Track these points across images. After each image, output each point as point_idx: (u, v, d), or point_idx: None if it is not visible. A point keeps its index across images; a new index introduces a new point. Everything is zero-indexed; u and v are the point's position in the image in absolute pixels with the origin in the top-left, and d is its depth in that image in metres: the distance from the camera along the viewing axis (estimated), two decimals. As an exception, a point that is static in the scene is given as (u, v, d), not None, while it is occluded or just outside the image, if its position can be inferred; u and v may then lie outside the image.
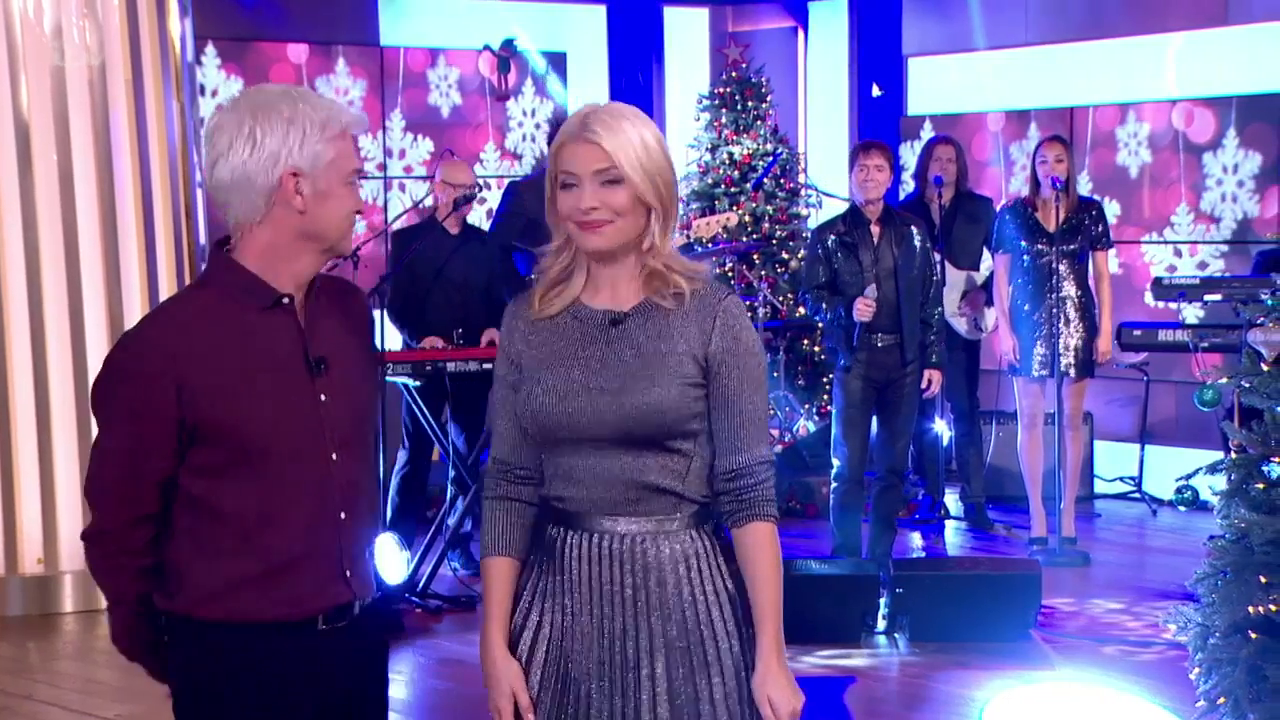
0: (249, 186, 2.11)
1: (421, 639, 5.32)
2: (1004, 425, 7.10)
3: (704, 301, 2.14)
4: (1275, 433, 3.20)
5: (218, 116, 2.14)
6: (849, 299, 5.54)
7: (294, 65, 7.50)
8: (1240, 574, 3.17)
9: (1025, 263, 6.15)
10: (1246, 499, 3.24)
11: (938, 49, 8.24)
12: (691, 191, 8.36)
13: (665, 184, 2.13)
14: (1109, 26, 7.59)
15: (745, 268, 8.01)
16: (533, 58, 8.13)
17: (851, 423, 5.62)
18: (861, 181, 5.56)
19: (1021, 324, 6.16)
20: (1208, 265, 7.34)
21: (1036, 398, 6.22)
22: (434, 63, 7.93)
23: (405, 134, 7.87)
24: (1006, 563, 5.54)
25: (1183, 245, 7.45)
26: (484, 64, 8.02)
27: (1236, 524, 3.21)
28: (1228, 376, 3.27)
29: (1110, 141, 7.66)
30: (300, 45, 7.50)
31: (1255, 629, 3.15)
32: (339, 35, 7.60)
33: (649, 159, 2.11)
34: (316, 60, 7.55)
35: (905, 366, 5.62)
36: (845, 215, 5.70)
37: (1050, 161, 6.09)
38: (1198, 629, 3.31)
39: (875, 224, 5.61)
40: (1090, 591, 5.74)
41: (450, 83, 7.97)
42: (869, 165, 5.54)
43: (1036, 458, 6.26)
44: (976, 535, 6.75)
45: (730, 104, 8.30)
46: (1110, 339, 6.13)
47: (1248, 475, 3.24)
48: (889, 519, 5.81)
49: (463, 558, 6.06)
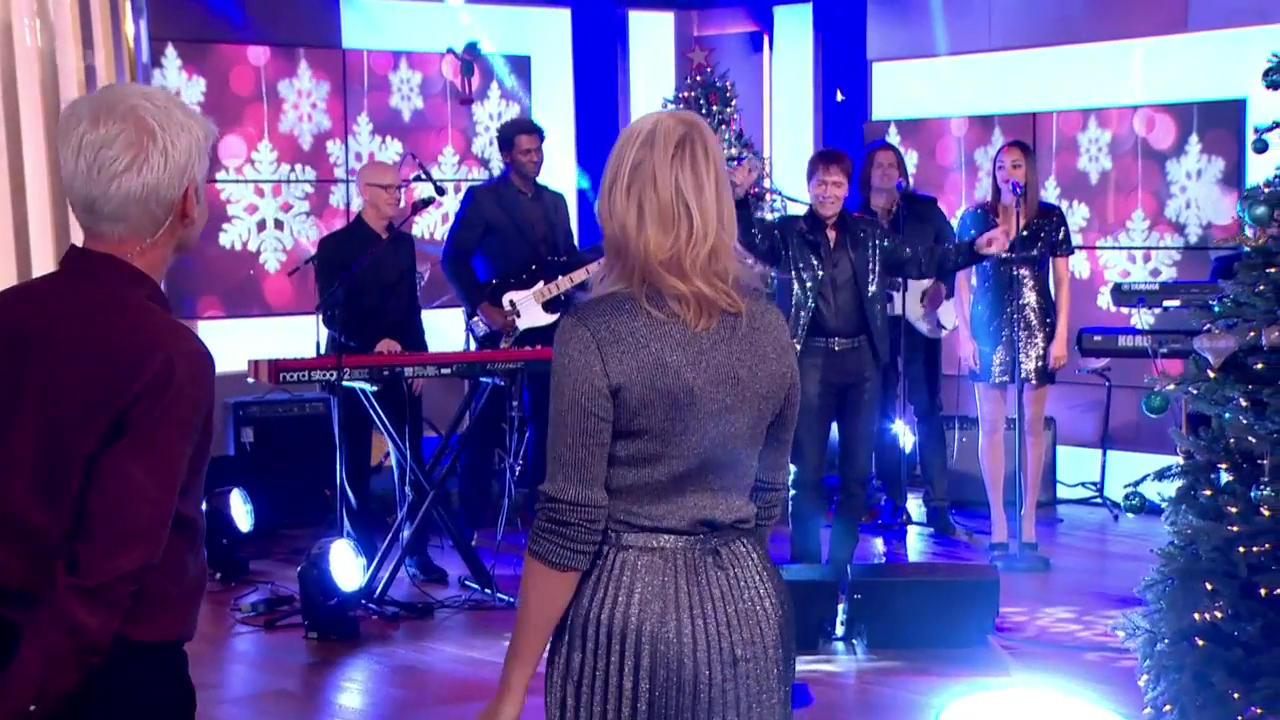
0: (156, 201, 2.03)
1: (377, 646, 5.29)
2: (966, 430, 7.11)
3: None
4: (1222, 440, 3.20)
5: (101, 129, 1.99)
6: (794, 295, 5.56)
7: (254, 67, 7.45)
8: (1187, 581, 3.17)
9: (986, 269, 6.16)
10: (1194, 506, 3.24)
11: (902, 54, 8.26)
12: (656, 196, 8.34)
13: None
14: (1072, 32, 7.62)
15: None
16: (497, 62, 8.09)
17: (808, 427, 5.61)
18: (818, 197, 5.56)
19: (982, 330, 6.17)
20: (1160, 272, 7.38)
21: (997, 404, 6.23)
22: (396, 66, 7.89)
23: (373, 137, 7.83)
24: (964, 569, 5.54)
25: (1137, 251, 7.48)
26: (447, 67, 7.99)
27: (1184, 531, 3.21)
28: (1175, 383, 3.27)
29: (1073, 147, 7.69)
30: (261, 47, 7.45)
31: (1201, 636, 3.15)
32: (300, 37, 7.56)
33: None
34: (278, 63, 7.50)
35: (867, 371, 5.62)
36: (807, 217, 5.70)
37: (1008, 167, 6.11)
38: (1145, 636, 3.31)
39: (831, 229, 5.62)
40: (1050, 597, 5.75)
41: (413, 86, 7.94)
42: (827, 182, 5.54)
43: (997, 463, 6.27)
44: (939, 541, 6.75)
45: (695, 108, 8.29)
46: (1065, 344, 6.15)
47: (1195, 482, 3.24)
48: (851, 526, 5.81)
49: (419, 564, 6.03)
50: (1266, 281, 3.10)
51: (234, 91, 7.40)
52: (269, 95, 7.48)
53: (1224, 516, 3.16)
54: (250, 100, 7.45)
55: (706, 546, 2.16)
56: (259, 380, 5.52)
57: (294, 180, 7.59)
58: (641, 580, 2.12)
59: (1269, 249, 3.11)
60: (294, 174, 7.58)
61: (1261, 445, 3.10)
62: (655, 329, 2.10)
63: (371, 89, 7.81)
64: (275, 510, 6.77)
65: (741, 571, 2.18)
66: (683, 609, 2.12)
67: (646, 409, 2.09)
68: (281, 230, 7.57)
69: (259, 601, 5.70)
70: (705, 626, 2.13)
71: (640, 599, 2.11)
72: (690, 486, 2.14)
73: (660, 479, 2.12)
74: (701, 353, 2.12)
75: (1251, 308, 3.15)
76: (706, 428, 2.12)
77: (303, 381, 5.56)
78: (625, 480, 2.12)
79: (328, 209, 7.68)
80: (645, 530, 2.13)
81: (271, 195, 7.52)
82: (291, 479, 6.94)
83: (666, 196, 2.09)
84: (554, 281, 6.62)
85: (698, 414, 2.11)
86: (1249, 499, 3.09)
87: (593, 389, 2.07)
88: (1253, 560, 3.10)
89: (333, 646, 5.24)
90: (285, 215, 7.57)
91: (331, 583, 5.25)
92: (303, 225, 7.60)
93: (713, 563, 2.15)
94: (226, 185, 7.37)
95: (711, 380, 2.12)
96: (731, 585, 2.16)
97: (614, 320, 2.10)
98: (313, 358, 5.63)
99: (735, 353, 2.14)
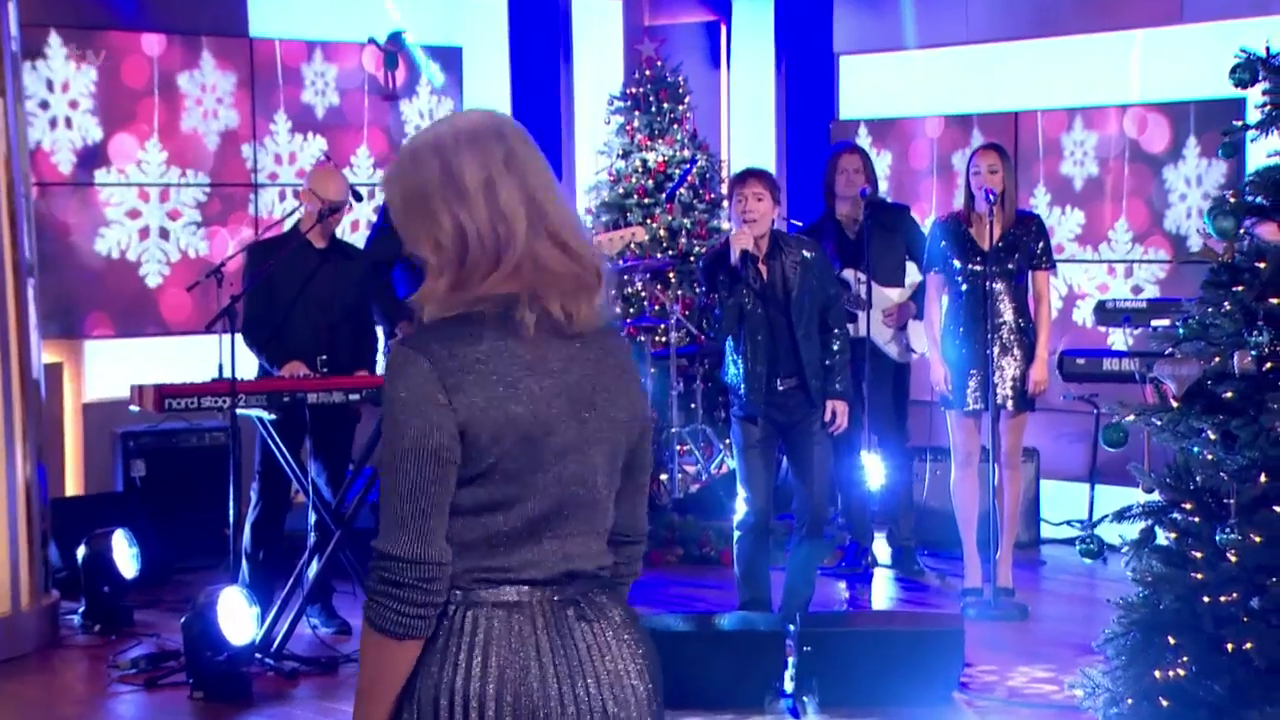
0: None
1: (273, 706, 5.21)
2: (938, 462, 7.09)
3: None
4: (1188, 476, 3.18)
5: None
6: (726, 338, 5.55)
7: (149, 58, 7.39)
8: (1148, 634, 3.15)
9: (958, 283, 6.14)
10: (1157, 550, 3.22)
11: (872, 47, 8.28)
12: (601, 203, 8.33)
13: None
14: (1057, 24, 7.65)
15: (659, 287, 7.98)
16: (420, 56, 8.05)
17: (752, 468, 5.57)
18: (740, 213, 5.51)
19: (954, 351, 6.15)
20: (1141, 289, 7.40)
21: (971, 433, 6.21)
22: (310, 57, 7.84)
23: (293, 135, 7.78)
24: (927, 618, 5.52)
25: (1119, 264, 7.50)
26: (368, 59, 7.95)
27: (1145, 578, 3.18)
28: (1136, 413, 3.25)
29: (1058, 149, 7.70)
30: (157, 35, 7.39)
31: (1165, 695, 3.12)
32: (202, 25, 7.50)
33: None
34: (177, 52, 7.44)
35: (811, 408, 5.59)
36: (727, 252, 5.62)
37: (984, 172, 6.10)
38: (1106, 695, 3.28)
39: (762, 262, 5.56)
40: (1027, 650, 5.72)
41: (328, 80, 7.89)
42: (746, 194, 5.49)
43: (971, 499, 6.24)
44: (907, 585, 6.72)
45: (644, 105, 8.29)
46: (1046, 367, 6.14)
47: (1157, 523, 3.21)
48: (805, 571, 5.77)
49: (324, 614, 5.96)
50: (1234, 301, 3.08)
51: (126, 84, 7.33)
52: (167, 89, 7.42)
53: (1189, 563, 3.14)
54: (144, 94, 7.38)
55: (565, 597, 2.11)
56: (143, 408, 5.45)
57: (184, 184, 7.52)
58: (497, 641, 2.06)
59: (1236, 265, 3.10)
60: (185, 178, 7.51)
61: (1230, 483, 3.08)
62: (500, 351, 2.05)
63: (288, 82, 7.76)
64: (169, 553, 6.68)
65: (606, 625, 2.13)
66: (547, 669, 2.07)
67: (495, 445, 2.04)
68: (166, 240, 7.49)
69: (141, 657, 5.62)
70: (574, 686, 2.08)
71: (498, 662, 2.06)
72: (547, 532, 2.09)
73: (513, 526, 2.07)
74: (551, 375, 2.07)
75: (1218, 329, 3.14)
76: (564, 463, 2.07)
77: (191, 410, 5.50)
78: (472, 531, 2.07)
79: (236, 215, 7.61)
80: (497, 584, 2.08)
81: (158, 200, 7.44)
82: (188, 518, 6.86)
83: (497, 202, 2.05)
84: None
85: (552, 447, 2.06)
86: (1215, 543, 3.07)
87: (435, 427, 2.02)
88: (1219, 612, 3.07)
89: (221, 708, 5.16)
90: (172, 224, 7.49)
91: (220, 635, 5.18)
92: (191, 237, 7.52)
93: (574, 615, 2.11)
94: (107, 187, 7.29)
95: (566, 408, 2.08)
96: (598, 638, 2.11)
97: (454, 345, 2.05)
98: (203, 382, 5.56)
99: (588, 375, 2.10)
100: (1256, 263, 3.05)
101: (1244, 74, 3.14)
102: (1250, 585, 3.05)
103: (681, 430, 7.64)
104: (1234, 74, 3.15)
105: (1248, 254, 3.10)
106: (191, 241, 7.53)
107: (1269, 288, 3.03)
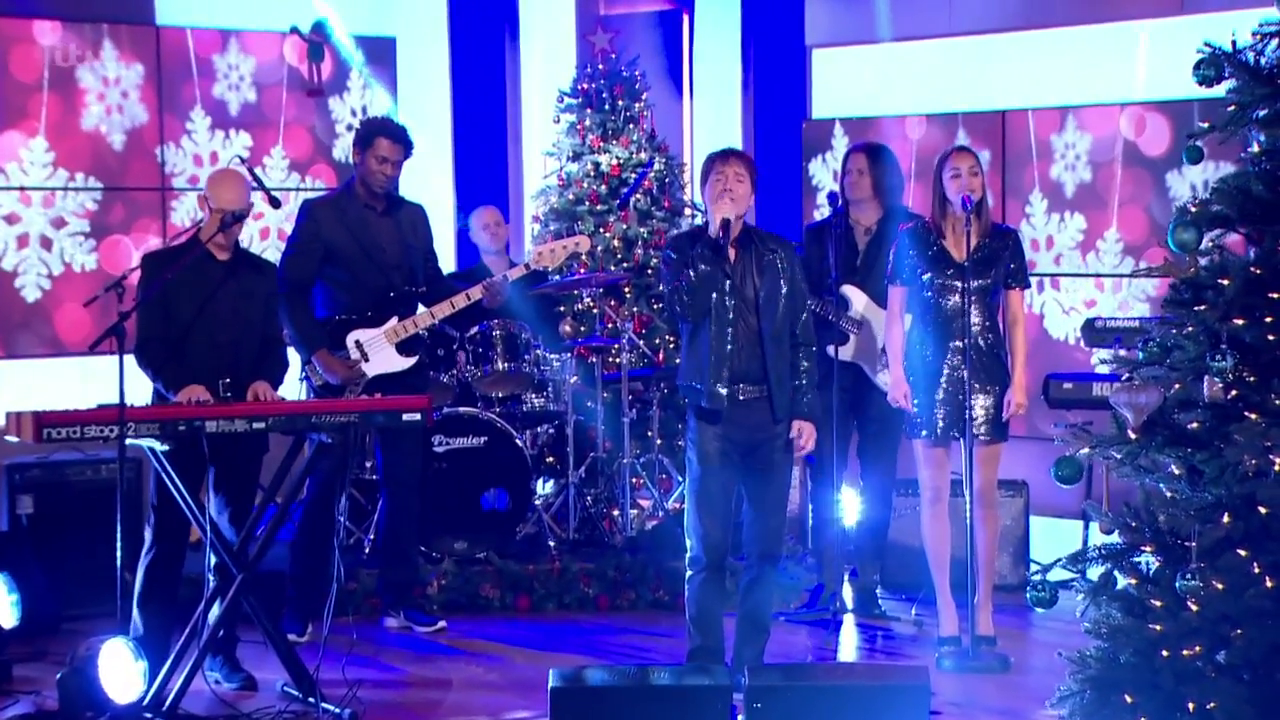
0: None
1: (162, 771, 5.15)
2: (907, 498, 7.05)
3: None
4: (1148, 516, 3.16)
5: None
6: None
7: (43, 47, 7.35)
8: (1104, 693, 3.11)
9: (927, 298, 6.12)
10: (1115, 598, 3.19)
11: (847, 39, 8.30)
12: (549, 210, 8.30)
13: None
14: (1048, 15, 7.67)
15: (612, 304, 7.95)
16: (345, 46, 8.03)
17: (707, 494, 5.52)
18: (719, 194, 5.50)
19: (920, 373, 6.12)
20: (1129, 305, 7.40)
21: (940, 465, 6.18)
22: (224, 48, 7.81)
23: (213, 133, 7.74)
24: (891, 671, 5.48)
25: (1107, 279, 7.50)
26: (290, 51, 7.93)
27: (1101, 629, 3.15)
28: (1090, 445, 3.22)
29: (1049, 151, 7.71)
30: (50, 22, 7.36)
31: (1122, 761, 3.09)
32: (102, 11, 7.49)
33: None
34: (74, 41, 7.41)
35: (775, 425, 5.55)
36: (701, 231, 5.64)
37: (964, 174, 6.07)
38: (1060, 761, 3.24)
39: (732, 246, 5.55)
40: (1003, 705, 5.68)
41: (244, 73, 7.86)
42: (728, 173, 5.49)
43: (942, 539, 6.21)
44: (882, 634, 6.68)
45: (597, 103, 8.26)
46: (1023, 390, 6.11)
47: (1116, 568, 3.19)
48: (758, 616, 5.72)
49: (226, 667, 5.90)
50: (1196, 322, 3.06)
51: (15, 77, 7.29)
52: (62, 82, 7.38)
53: (1150, 613, 3.11)
54: (34, 89, 7.34)
55: None
56: (21, 438, 5.39)
57: (72, 188, 7.47)
58: None
59: (1199, 281, 3.07)
60: (74, 181, 7.46)
61: (1191, 523, 3.05)
62: None
63: (202, 75, 7.74)
64: (58, 599, 6.61)
65: None
66: None
67: None
68: (49, 250, 7.43)
69: (16, 718, 5.55)
70: None
71: None
72: None
73: None
74: None
75: (1181, 353, 3.11)
76: None
77: (74, 439, 5.43)
78: None
79: (142, 223, 7.57)
80: None
81: (41, 206, 7.39)
82: (81, 560, 6.79)
83: None
84: (411, 318, 6.53)
85: None
86: (1175, 591, 3.04)
87: None
88: (1180, 666, 3.04)
89: (102, 773, 5.10)
90: (56, 233, 7.43)
91: (101, 693, 5.12)
92: (76, 249, 7.45)
93: None
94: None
95: None
96: None
97: None
98: (88, 410, 5.50)
99: None
100: (1220, 279, 3.03)
101: (1208, 70, 3.12)
102: (1214, 637, 3.02)
103: (635, 461, 7.61)
104: (1198, 70, 3.14)
105: (1211, 270, 3.08)
106: (77, 254, 7.48)
107: (1233, 307, 3.01)
